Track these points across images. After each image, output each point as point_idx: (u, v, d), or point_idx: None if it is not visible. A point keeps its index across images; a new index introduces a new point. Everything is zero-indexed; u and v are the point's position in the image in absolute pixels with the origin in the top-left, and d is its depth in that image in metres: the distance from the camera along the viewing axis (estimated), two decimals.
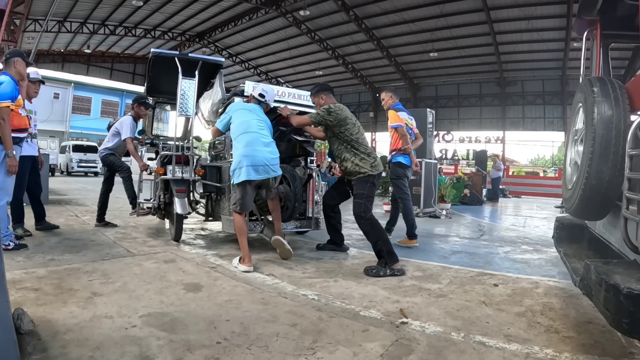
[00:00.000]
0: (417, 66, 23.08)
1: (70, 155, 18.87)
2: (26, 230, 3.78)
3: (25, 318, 1.70)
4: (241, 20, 19.39)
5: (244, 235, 3.09)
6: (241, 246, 3.07)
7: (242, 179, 3.07)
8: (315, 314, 2.10)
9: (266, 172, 3.13)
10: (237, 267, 2.98)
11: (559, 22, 15.96)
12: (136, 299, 2.20)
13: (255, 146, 3.12)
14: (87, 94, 27.54)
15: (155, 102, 5.31)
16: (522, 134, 24.34)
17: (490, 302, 2.39)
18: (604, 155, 1.61)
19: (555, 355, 1.70)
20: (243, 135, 3.16)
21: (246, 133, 3.16)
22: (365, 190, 3.20)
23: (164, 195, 4.27)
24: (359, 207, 3.17)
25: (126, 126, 4.58)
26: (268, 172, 3.14)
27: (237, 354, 1.61)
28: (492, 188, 12.92)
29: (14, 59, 3.13)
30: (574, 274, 1.81)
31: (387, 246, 3.03)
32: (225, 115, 3.33)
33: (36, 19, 17.20)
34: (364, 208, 3.15)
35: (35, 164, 3.94)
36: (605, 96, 1.67)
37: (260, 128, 3.23)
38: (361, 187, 3.22)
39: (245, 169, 3.07)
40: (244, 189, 3.11)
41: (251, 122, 3.22)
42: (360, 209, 3.16)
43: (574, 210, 1.89)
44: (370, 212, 3.17)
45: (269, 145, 3.21)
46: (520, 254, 4.01)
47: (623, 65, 3.11)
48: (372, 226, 3.14)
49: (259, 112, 3.35)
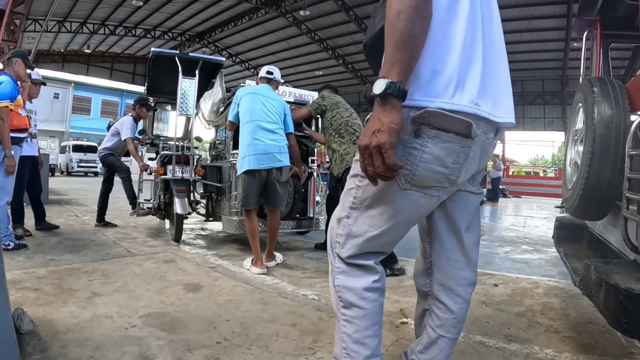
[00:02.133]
0: None
1: (70, 155, 18.88)
2: (26, 230, 3.78)
3: (25, 318, 1.70)
4: (241, 20, 19.40)
5: (255, 238, 2.98)
6: (253, 248, 2.97)
7: (244, 168, 2.96)
8: (315, 314, 2.10)
9: (270, 160, 2.96)
10: (249, 270, 2.93)
11: (559, 22, 15.96)
12: (136, 299, 2.20)
13: (257, 134, 2.97)
14: (87, 94, 27.55)
15: (156, 101, 5.31)
16: (522, 134, 24.38)
17: (490, 302, 2.39)
18: (604, 155, 1.61)
19: (555, 355, 1.70)
20: (247, 124, 3.03)
21: (250, 122, 3.02)
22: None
23: (164, 195, 4.27)
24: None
25: (126, 126, 4.57)
26: (273, 161, 2.97)
27: (237, 354, 1.61)
28: (492, 188, 12.93)
29: (13, 60, 3.14)
30: (574, 274, 1.81)
31: None
32: (233, 105, 3.20)
33: (36, 19, 17.21)
34: None
35: (35, 164, 3.94)
36: (605, 96, 1.67)
37: (265, 114, 3.04)
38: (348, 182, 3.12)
39: (247, 159, 2.94)
40: (246, 181, 2.98)
41: (255, 108, 3.05)
42: None
43: (574, 210, 1.89)
44: None
45: (274, 132, 3.03)
46: (520, 254, 4.01)
47: (623, 65, 3.11)
48: None
49: (267, 92, 3.17)
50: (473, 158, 1.00)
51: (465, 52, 0.94)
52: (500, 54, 1.05)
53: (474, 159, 1.01)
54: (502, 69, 1.05)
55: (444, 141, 0.94)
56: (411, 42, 0.87)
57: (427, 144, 0.94)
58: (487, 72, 0.99)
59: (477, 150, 1.00)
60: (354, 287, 1.06)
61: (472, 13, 0.97)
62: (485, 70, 0.98)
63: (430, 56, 0.93)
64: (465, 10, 0.96)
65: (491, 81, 1.00)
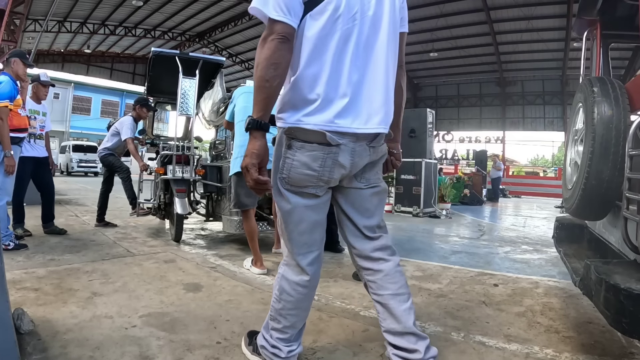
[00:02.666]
0: (417, 66, 23.09)
1: (70, 155, 18.87)
2: (26, 230, 3.77)
3: (25, 318, 1.70)
4: (241, 20, 19.40)
5: (254, 239, 2.97)
6: (252, 249, 2.97)
7: (235, 170, 2.94)
8: (315, 314, 2.09)
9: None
10: (249, 270, 2.93)
11: (559, 22, 15.98)
12: (136, 299, 2.20)
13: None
14: (87, 94, 27.55)
15: (156, 101, 5.31)
16: (522, 134, 24.43)
17: (490, 302, 2.39)
18: (604, 155, 1.61)
19: (555, 355, 1.70)
20: (241, 123, 2.98)
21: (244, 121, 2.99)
22: None
23: (164, 195, 4.27)
24: None
25: (126, 126, 4.57)
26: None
27: (237, 354, 1.61)
28: (492, 188, 12.93)
29: (11, 60, 3.16)
30: (574, 274, 1.81)
31: None
32: (230, 104, 3.16)
33: (36, 19, 17.21)
34: None
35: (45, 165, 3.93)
36: (605, 96, 1.67)
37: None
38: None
39: (240, 160, 2.89)
40: (239, 182, 2.94)
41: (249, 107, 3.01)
42: None
43: (574, 210, 1.89)
44: None
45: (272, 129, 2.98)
46: (520, 254, 4.01)
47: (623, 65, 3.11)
48: None
49: None
50: (344, 161, 1.26)
51: (330, 83, 1.20)
52: (378, 76, 1.27)
53: (345, 162, 1.27)
54: (378, 89, 1.28)
55: (309, 150, 1.23)
56: (265, 86, 1.16)
57: (296, 154, 1.24)
58: (357, 94, 1.24)
59: (348, 155, 1.26)
60: (290, 280, 1.37)
61: (340, 48, 1.20)
62: (355, 93, 1.23)
63: (303, 88, 1.20)
64: (333, 47, 1.19)
65: (363, 101, 1.25)
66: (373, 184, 1.40)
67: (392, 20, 1.29)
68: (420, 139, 7.66)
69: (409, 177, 7.48)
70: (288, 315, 1.38)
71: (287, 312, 1.38)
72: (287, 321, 1.38)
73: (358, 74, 1.24)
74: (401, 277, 1.41)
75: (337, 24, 1.19)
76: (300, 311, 1.40)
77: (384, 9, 1.26)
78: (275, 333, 1.40)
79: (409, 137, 7.73)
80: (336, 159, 1.25)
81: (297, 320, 1.40)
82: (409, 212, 7.38)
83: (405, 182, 7.53)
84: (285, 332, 1.39)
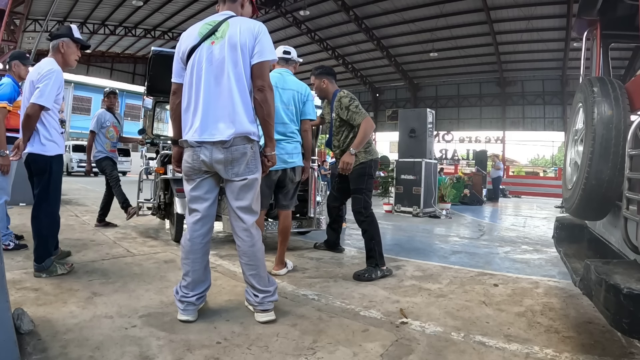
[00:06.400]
0: (417, 66, 23.10)
1: (70, 155, 18.86)
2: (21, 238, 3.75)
3: (25, 318, 1.70)
4: None
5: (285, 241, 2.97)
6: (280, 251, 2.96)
7: None
8: (315, 314, 2.10)
9: (281, 161, 2.76)
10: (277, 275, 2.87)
11: (559, 22, 15.98)
12: (136, 299, 2.20)
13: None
14: (87, 94, 27.52)
15: (156, 101, 5.30)
16: (522, 134, 24.37)
17: (490, 302, 2.39)
18: (604, 155, 1.61)
19: (555, 355, 1.70)
20: None
21: None
22: (364, 184, 3.05)
23: (164, 195, 4.27)
24: (358, 202, 3.02)
25: (93, 119, 4.60)
26: (284, 161, 2.81)
27: (237, 354, 1.61)
28: (492, 188, 12.94)
29: (12, 63, 3.24)
30: (574, 274, 1.81)
31: (379, 247, 2.93)
32: None
33: (36, 19, 17.21)
34: (364, 204, 3.01)
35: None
36: (605, 96, 1.67)
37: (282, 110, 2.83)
38: (358, 181, 3.06)
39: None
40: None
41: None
42: (360, 204, 3.01)
43: (574, 210, 1.89)
44: (371, 209, 3.04)
45: (284, 128, 2.83)
46: (520, 254, 4.01)
47: (623, 65, 3.11)
48: (371, 223, 2.98)
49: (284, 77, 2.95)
50: (206, 157, 1.88)
51: (188, 111, 1.93)
52: (220, 97, 1.87)
53: (207, 158, 1.88)
54: (221, 108, 1.87)
55: (187, 150, 1.95)
56: (172, 116, 2.10)
57: (186, 153, 1.96)
58: (205, 115, 1.87)
59: (207, 152, 1.87)
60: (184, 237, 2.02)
61: (192, 84, 1.92)
62: (205, 114, 1.87)
63: (185, 117, 1.95)
64: (187, 85, 1.95)
65: (209, 119, 1.87)
66: (240, 177, 1.94)
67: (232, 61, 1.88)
68: (420, 139, 7.65)
69: (409, 177, 7.48)
70: (183, 265, 1.98)
71: (183, 261, 1.98)
72: (184, 269, 1.98)
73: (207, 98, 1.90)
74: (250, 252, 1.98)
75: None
76: (190, 262, 1.95)
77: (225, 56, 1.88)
78: (182, 281, 1.98)
79: (409, 137, 7.73)
80: (199, 155, 1.89)
81: (190, 269, 1.95)
82: (409, 212, 7.37)
83: (405, 182, 7.53)
84: (185, 280, 1.96)
